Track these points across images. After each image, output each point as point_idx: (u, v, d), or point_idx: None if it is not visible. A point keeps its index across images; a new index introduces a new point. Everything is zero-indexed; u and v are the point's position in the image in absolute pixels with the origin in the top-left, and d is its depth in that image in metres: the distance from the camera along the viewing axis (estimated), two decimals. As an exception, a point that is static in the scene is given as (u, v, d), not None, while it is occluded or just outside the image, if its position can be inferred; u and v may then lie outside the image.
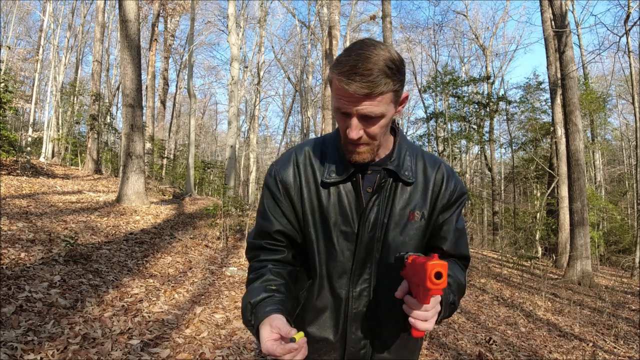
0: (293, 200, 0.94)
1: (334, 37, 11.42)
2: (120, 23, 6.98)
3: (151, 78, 16.43)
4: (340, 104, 0.80)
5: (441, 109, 20.26)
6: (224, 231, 6.16)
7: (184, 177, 14.41)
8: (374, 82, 0.74)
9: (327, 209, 0.92)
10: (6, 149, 8.16)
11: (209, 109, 32.96)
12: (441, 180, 0.96)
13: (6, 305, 2.46)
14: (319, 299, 0.94)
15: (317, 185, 0.93)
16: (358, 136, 0.82)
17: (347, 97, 0.78)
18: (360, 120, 0.80)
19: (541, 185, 17.06)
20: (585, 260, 7.72)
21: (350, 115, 0.80)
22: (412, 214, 0.93)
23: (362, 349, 0.93)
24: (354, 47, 0.79)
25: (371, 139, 0.84)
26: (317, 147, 0.97)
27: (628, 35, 10.14)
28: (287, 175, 0.95)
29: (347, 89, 0.76)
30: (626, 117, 22.97)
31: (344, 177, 0.91)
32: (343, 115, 0.82)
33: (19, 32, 21.77)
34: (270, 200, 0.96)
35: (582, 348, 4.01)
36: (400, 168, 0.92)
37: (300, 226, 0.95)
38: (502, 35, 29.60)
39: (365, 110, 0.78)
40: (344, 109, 0.80)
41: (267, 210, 0.96)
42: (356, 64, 0.75)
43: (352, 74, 0.75)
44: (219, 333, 2.94)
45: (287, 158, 0.98)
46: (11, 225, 4.20)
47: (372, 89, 0.75)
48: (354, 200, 0.92)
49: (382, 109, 0.79)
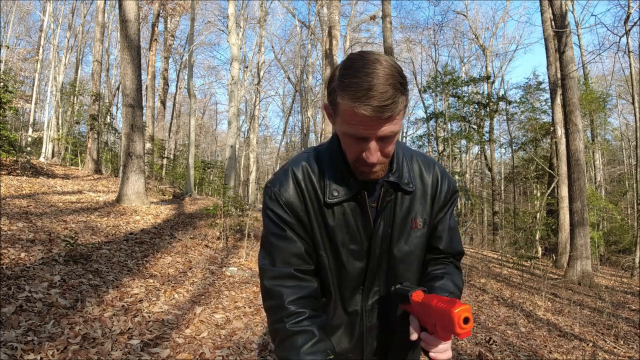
0: (303, 221, 0.88)
1: (334, 37, 11.43)
2: (120, 23, 6.98)
3: (151, 78, 16.43)
4: (356, 130, 0.75)
5: (441, 109, 20.27)
6: (224, 231, 6.15)
7: (184, 177, 14.41)
8: (394, 103, 0.71)
9: (333, 229, 0.88)
10: (6, 149, 8.17)
11: (209, 109, 33.00)
12: (436, 182, 0.96)
13: (6, 305, 2.46)
14: (334, 318, 0.95)
15: (320, 205, 0.88)
16: (377, 159, 0.79)
17: (366, 122, 0.73)
18: (378, 143, 0.77)
19: (541, 185, 17.06)
20: (585, 260, 7.72)
21: (369, 140, 0.76)
22: (415, 222, 0.93)
23: (379, 357, 0.98)
24: (358, 67, 0.72)
25: (386, 157, 0.81)
26: (313, 162, 0.91)
27: (628, 35, 10.15)
28: (290, 196, 0.88)
29: (366, 114, 0.71)
30: (626, 117, 23.00)
31: (348, 195, 0.87)
32: (358, 140, 0.78)
33: (19, 32, 21.79)
34: (279, 224, 0.88)
35: (582, 348, 4.01)
36: (401, 179, 0.90)
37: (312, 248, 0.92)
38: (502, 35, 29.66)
39: (385, 132, 0.75)
40: (361, 134, 0.76)
41: (281, 233, 0.87)
42: (370, 87, 0.69)
43: (368, 98, 0.69)
44: (219, 333, 2.94)
45: (284, 177, 0.90)
46: (11, 225, 4.20)
47: (393, 110, 0.71)
48: (361, 217, 0.89)
49: (399, 126, 0.76)
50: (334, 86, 0.77)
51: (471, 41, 23.71)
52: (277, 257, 0.87)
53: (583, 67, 17.15)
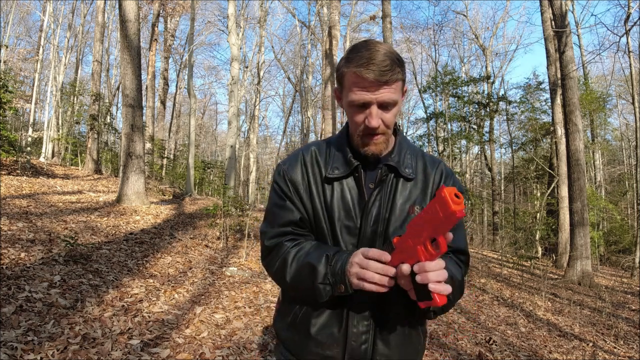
0: (302, 198, 0.97)
1: (334, 37, 11.42)
2: (120, 23, 6.98)
3: (151, 78, 16.43)
4: (358, 96, 0.86)
5: (441, 109, 20.26)
6: (224, 231, 6.15)
7: (184, 177, 14.41)
8: (391, 69, 0.83)
9: (331, 204, 0.94)
10: (6, 149, 8.17)
11: (209, 109, 32.99)
12: (440, 178, 0.99)
13: (6, 305, 2.46)
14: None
15: (322, 182, 0.96)
16: (378, 124, 0.87)
17: (366, 87, 0.84)
18: (378, 109, 0.87)
19: (541, 185, 17.06)
20: (585, 260, 7.72)
21: (369, 105, 0.86)
22: (412, 208, 0.94)
23: (363, 344, 0.92)
24: (360, 46, 0.86)
25: (387, 127, 0.89)
26: (323, 146, 1.02)
27: (628, 35, 10.14)
28: (295, 174, 0.98)
29: (368, 77, 0.83)
30: (626, 117, 23.00)
31: (346, 172, 0.94)
32: (360, 108, 0.88)
33: (19, 32, 21.78)
34: (282, 195, 0.98)
35: (582, 348, 4.01)
36: (401, 164, 0.96)
37: (312, 223, 0.97)
38: (502, 35, 29.64)
39: (384, 97, 0.85)
40: (363, 99, 0.86)
41: (282, 203, 0.98)
42: (371, 56, 0.83)
43: (369, 64, 0.82)
44: (219, 333, 2.94)
45: (295, 157, 1.01)
46: (11, 225, 4.20)
47: (390, 75, 0.83)
48: (357, 195, 0.94)
49: (396, 96, 0.87)
50: (340, 65, 0.90)
51: (471, 41, 23.72)
52: (276, 222, 0.97)
53: (583, 67, 17.15)
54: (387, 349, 0.93)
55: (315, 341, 0.93)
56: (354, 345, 0.91)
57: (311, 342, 0.94)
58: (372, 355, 0.92)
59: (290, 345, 1.00)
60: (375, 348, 0.93)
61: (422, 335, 1.01)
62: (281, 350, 1.03)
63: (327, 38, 11.91)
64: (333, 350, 0.93)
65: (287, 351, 1.00)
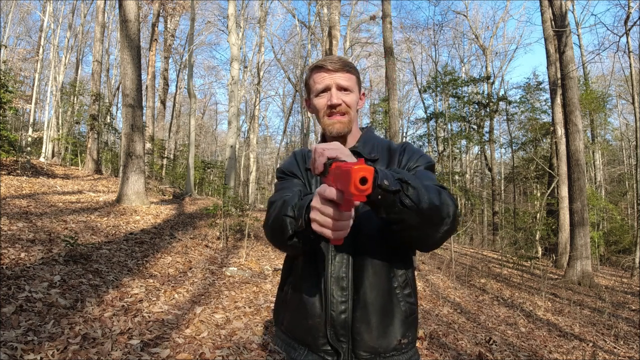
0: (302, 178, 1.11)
1: (334, 37, 11.42)
2: (120, 23, 6.98)
3: (151, 78, 16.42)
4: (320, 83, 1.05)
5: (441, 109, 20.27)
6: (224, 231, 6.15)
7: (184, 177, 14.41)
8: (344, 63, 1.05)
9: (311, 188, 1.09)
10: (6, 149, 8.17)
11: (209, 109, 32.97)
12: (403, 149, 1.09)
13: (6, 305, 2.46)
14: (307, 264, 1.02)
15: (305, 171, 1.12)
16: (339, 100, 1.03)
17: (324, 75, 1.04)
18: (338, 90, 1.04)
19: (541, 185, 17.06)
20: (585, 260, 7.72)
21: (329, 87, 1.04)
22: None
23: (342, 313, 0.96)
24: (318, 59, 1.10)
25: (348, 107, 1.05)
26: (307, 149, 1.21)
27: (628, 35, 10.14)
28: (290, 166, 1.15)
29: (324, 66, 1.04)
30: (626, 117, 22.99)
31: None
32: (323, 93, 1.06)
33: (19, 32, 21.77)
34: (282, 177, 1.13)
35: (582, 348, 4.01)
36: (364, 148, 1.09)
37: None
38: (502, 35, 29.56)
39: (340, 80, 1.04)
40: (324, 83, 1.04)
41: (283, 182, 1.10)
42: (326, 57, 1.07)
43: (324, 60, 1.05)
44: (219, 333, 2.94)
45: (289, 158, 1.21)
46: (11, 225, 4.20)
47: (342, 66, 1.04)
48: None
49: (351, 84, 1.05)
50: (306, 77, 1.11)
51: (471, 41, 23.73)
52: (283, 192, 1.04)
53: (583, 67, 17.15)
54: (366, 316, 0.96)
55: (301, 313, 1.01)
56: (333, 315, 0.96)
57: (299, 314, 1.02)
58: (352, 324, 0.96)
59: (284, 325, 1.08)
60: (354, 316, 0.96)
61: (407, 304, 1.00)
62: (278, 334, 1.11)
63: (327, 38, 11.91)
64: (315, 320, 0.99)
65: (283, 333, 1.09)
